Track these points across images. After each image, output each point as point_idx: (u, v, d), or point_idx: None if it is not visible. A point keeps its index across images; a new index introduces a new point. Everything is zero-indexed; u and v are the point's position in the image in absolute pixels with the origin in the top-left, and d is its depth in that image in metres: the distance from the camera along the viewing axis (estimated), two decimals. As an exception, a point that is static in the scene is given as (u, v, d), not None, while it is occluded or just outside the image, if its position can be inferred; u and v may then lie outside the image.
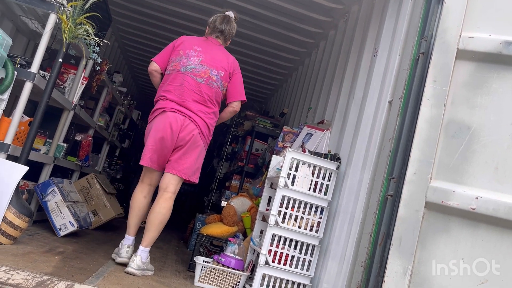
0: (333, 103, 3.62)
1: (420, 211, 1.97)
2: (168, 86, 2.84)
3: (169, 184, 2.84)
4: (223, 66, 2.93)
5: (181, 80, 2.82)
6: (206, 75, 2.86)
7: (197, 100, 2.83)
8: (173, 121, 2.77)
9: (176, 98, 2.81)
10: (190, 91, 2.82)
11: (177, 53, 2.89)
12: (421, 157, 2.02)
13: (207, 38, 3.03)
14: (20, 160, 2.64)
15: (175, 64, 2.87)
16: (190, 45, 2.92)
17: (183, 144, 2.80)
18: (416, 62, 2.21)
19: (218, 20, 3.04)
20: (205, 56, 2.89)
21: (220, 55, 2.96)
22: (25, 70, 2.68)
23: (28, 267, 2.15)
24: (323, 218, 2.82)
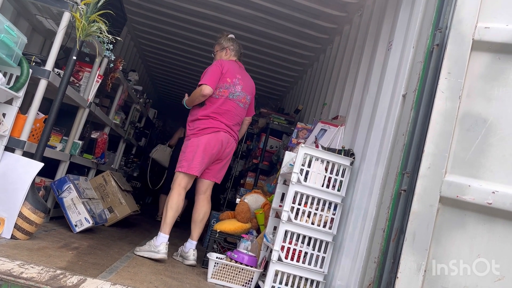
0: (347, 98, 3.58)
1: (435, 206, 1.92)
2: (218, 109, 3.32)
3: (208, 189, 3.47)
4: (252, 91, 3.57)
5: (230, 106, 3.35)
6: (244, 99, 3.45)
7: (238, 122, 3.47)
8: (224, 140, 3.33)
9: (226, 121, 3.34)
10: (236, 115, 3.40)
11: (225, 80, 3.34)
12: (435, 151, 1.97)
13: (238, 64, 3.53)
14: (36, 156, 2.68)
15: (223, 91, 3.33)
16: (234, 74, 3.39)
17: (224, 158, 3.42)
18: (431, 54, 2.16)
19: (235, 43, 3.58)
20: (243, 84, 3.44)
21: (250, 81, 3.57)
22: (40, 68, 2.72)
23: (42, 262, 2.18)
24: (336, 214, 2.78)
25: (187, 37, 5.99)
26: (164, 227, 3.17)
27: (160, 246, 3.09)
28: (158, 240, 3.13)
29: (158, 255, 3.05)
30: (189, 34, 5.86)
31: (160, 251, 3.07)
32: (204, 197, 3.44)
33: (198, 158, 3.25)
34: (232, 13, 4.93)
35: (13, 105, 2.62)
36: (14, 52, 2.50)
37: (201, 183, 3.43)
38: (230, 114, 3.35)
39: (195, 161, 3.24)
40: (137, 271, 2.60)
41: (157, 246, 3.09)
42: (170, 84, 8.81)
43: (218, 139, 3.29)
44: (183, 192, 3.29)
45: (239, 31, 5.31)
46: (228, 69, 3.35)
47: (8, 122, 2.60)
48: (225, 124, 3.33)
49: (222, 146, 3.32)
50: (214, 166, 3.40)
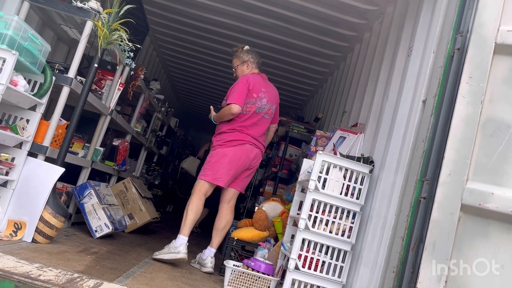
0: (367, 106, 3.53)
1: (456, 214, 1.85)
2: (246, 123, 3.42)
3: (233, 198, 3.53)
4: (276, 100, 3.66)
5: (255, 119, 3.45)
6: (269, 111, 3.55)
7: (263, 133, 3.56)
8: (249, 151, 3.43)
9: (252, 133, 3.44)
10: (262, 127, 3.51)
11: (252, 96, 3.44)
12: (457, 157, 1.91)
13: (261, 76, 3.62)
14: (57, 162, 2.74)
15: (251, 106, 3.43)
16: (259, 88, 3.48)
17: (250, 168, 3.52)
18: (451, 59, 2.11)
19: (254, 55, 3.66)
20: (268, 96, 3.53)
21: (274, 90, 3.67)
22: (62, 75, 2.79)
23: (61, 265, 2.21)
24: (355, 223, 2.73)
25: (209, 47, 6.06)
26: (184, 229, 3.22)
27: (180, 246, 3.14)
28: (177, 242, 3.18)
29: (178, 255, 3.11)
30: (211, 44, 5.92)
31: (180, 251, 3.12)
32: (228, 206, 3.50)
33: (224, 169, 3.33)
34: (253, 23, 4.96)
35: (36, 112, 2.69)
36: (38, 59, 2.58)
37: (226, 192, 3.50)
38: (256, 127, 3.45)
39: (220, 172, 3.33)
40: (154, 277, 2.61)
41: (177, 247, 3.15)
42: (192, 94, 8.90)
43: (244, 151, 3.39)
44: (203, 197, 3.36)
45: (259, 40, 5.35)
46: (254, 84, 3.44)
47: (32, 128, 2.67)
48: (251, 136, 3.43)
49: (248, 158, 3.43)
50: (241, 175, 3.49)
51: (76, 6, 2.83)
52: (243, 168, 3.43)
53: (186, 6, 5.02)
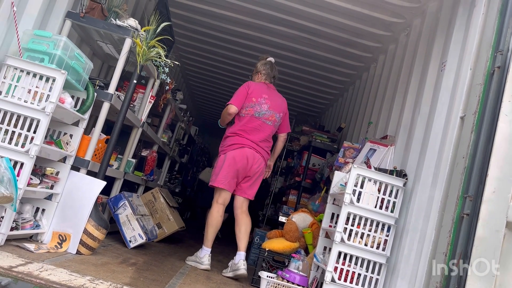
0: (396, 118, 3.56)
1: (501, 231, 1.89)
2: (244, 127, 3.57)
3: (243, 204, 3.66)
4: (283, 110, 3.74)
5: (255, 124, 3.58)
6: (272, 118, 3.64)
7: (266, 139, 3.64)
8: (250, 156, 3.54)
9: (251, 137, 3.56)
10: (262, 132, 3.60)
11: (251, 100, 3.58)
12: (500, 175, 1.95)
13: (267, 85, 3.74)
14: (99, 175, 2.82)
15: (249, 110, 3.58)
16: (260, 94, 3.62)
17: (253, 174, 3.60)
18: (491, 77, 2.15)
19: (269, 67, 3.81)
20: (271, 103, 3.64)
21: (280, 100, 3.76)
22: (103, 91, 2.88)
23: (109, 277, 2.28)
24: (390, 235, 2.77)
25: (230, 57, 6.14)
26: (206, 242, 3.56)
27: (203, 258, 3.50)
28: (202, 253, 3.54)
29: (202, 266, 3.47)
30: (232, 54, 6.00)
31: (203, 262, 3.48)
32: (241, 211, 3.66)
33: (223, 172, 3.54)
34: (275, 34, 5.03)
35: (79, 127, 2.78)
36: (82, 77, 2.67)
37: (235, 199, 3.69)
38: (256, 131, 3.58)
39: (220, 174, 3.55)
40: (194, 287, 2.67)
41: (201, 258, 3.51)
42: (210, 102, 9.00)
43: (243, 154, 3.54)
44: (222, 208, 3.60)
45: (281, 50, 5.41)
46: (254, 89, 3.62)
47: (75, 143, 2.76)
48: (251, 140, 3.56)
49: (248, 162, 3.54)
50: (243, 183, 3.64)
51: (115, 24, 2.92)
52: (244, 170, 3.56)
53: (209, 18, 5.11)
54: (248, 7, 4.54)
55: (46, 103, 2.36)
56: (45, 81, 2.39)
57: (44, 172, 2.58)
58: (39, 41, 2.49)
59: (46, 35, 2.51)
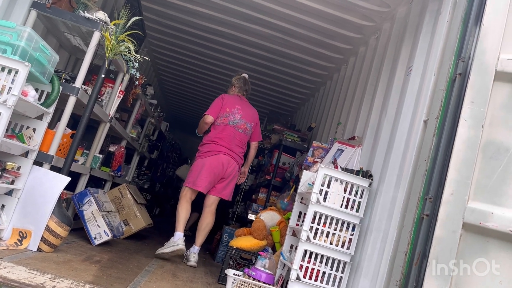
0: (364, 119, 3.64)
1: (458, 232, 1.96)
2: (219, 135, 3.97)
3: (213, 203, 4.02)
4: (254, 120, 4.17)
5: (229, 132, 3.98)
6: (244, 126, 4.06)
7: (238, 145, 4.03)
8: (225, 161, 3.93)
9: (226, 144, 3.95)
10: (235, 139, 4.00)
11: (225, 110, 4.01)
12: (458, 177, 2.02)
13: (240, 97, 4.18)
14: (63, 171, 2.75)
15: (224, 119, 4.00)
16: (233, 104, 4.06)
17: (227, 177, 3.98)
18: (453, 83, 2.22)
19: (242, 81, 4.26)
20: (243, 113, 4.07)
21: (252, 111, 4.19)
22: (69, 85, 2.81)
23: (70, 275, 2.23)
24: (354, 235, 2.83)
25: (202, 53, 6.11)
26: (178, 226, 3.83)
27: (178, 240, 3.73)
28: (175, 237, 3.77)
29: (177, 247, 3.68)
30: (205, 50, 5.97)
31: (178, 244, 3.70)
32: (209, 210, 4.01)
33: (202, 177, 3.89)
34: (248, 32, 5.03)
35: (43, 121, 2.70)
36: (47, 70, 2.59)
37: (207, 198, 4.03)
38: (229, 138, 3.97)
39: (199, 179, 3.89)
40: (158, 286, 2.65)
41: (176, 241, 3.73)
42: (182, 98, 8.92)
43: (219, 160, 3.92)
44: (189, 200, 3.97)
45: (254, 48, 5.43)
46: (228, 101, 4.06)
47: (38, 137, 2.68)
48: (225, 147, 3.95)
49: (223, 166, 3.93)
50: (219, 184, 3.99)
51: (84, 17, 2.85)
52: (219, 175, 3.94)
53: (182, 13, 5.06)
54: (222, 4, 4.52)
55: (8, 96, 2.29)
56: (7, 73, 2.31)
57: (5, 166, 2.50)
58: (1, 32, 2.40)
59: (10, 25, 2.42)
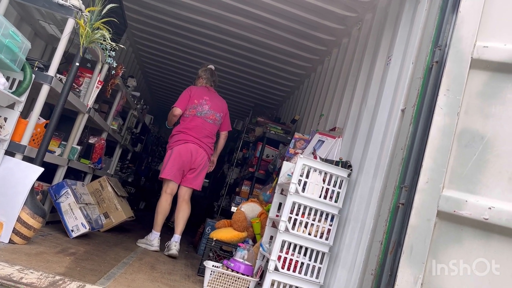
0: (345, 110, 3.62)
1: (432, 220, 1.96)
2: (188, 125, 4.05)
3: (186, 194, 4.14)
4: (222, 110, 4.24)
5: (197, 122, 4.05)
6: (213, 117, 4.14)
7: (207, 135, 4.11)
8: (193, 150, 4.02)
9: (195, 134, 4.03)
10: (204, 129, 4.07)
11: (193, 102, 4.09)
12: (434, 166, 2.01)
13: (208, 88, 4.26)
14: (36, 161, 2.68)
15: (192, 110, 4.08)
16: (201, 96, 4.13)
17: (197, 167, 4.07)
18: (430, 71, 2.21)
19: (209, 73, 4.34)
20: (211, 104, 4.15)
21: (220, 102, 4.27)
22: (42, 73, 2.74)
23: (41, 267, 2.18)
24: (333, 225, 2.81)
25: (186, 45, 6.04)
26: (156, 227, 4.01)
27: (153, 241, 3.95)
28: (152, 236, 3.99)
29: (152, 247, 3.91)
30: (188, 42, 5.90)
31: (153, 244, 3.93)
32: (183, 199, 4.12)
33: (169, 165, 4.01)
34: (231, 23, 4.98)
35: (15, 110, 2.63)
36: (18, 57, 2.52)
37: (180, 189, 4.14)
38: (198, 129, 4.06)
39: (167, 167, 4.02)
40: (134, 278, 2.61)
41: (151, 241, 3.95)
42: (167, 91, 8.83)
43: (188, 149, 4.01)
44: (170, 197, 4.07)
45: (237, 40, 5.38)
46: (195, 92, 4.13)
47: (10, 127, 2.61)
48: (194, 137, 4.03)
49: (192, 155, 4.02)
50: (189, 175, 4.09)
51: (57, 3, 2.77)
52: (188, 162, 4.02)
53: (165, 4, 4.98)
54: (204, -6, 4.46)
55: (-25, 83, 2.21)
56: (-25, 59, 2.24)
57: (-26, 156, 2.43)
58: (-31, 17, 2.32)
59: (-23, 10, 2.35)
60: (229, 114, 4.38)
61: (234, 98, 7.78)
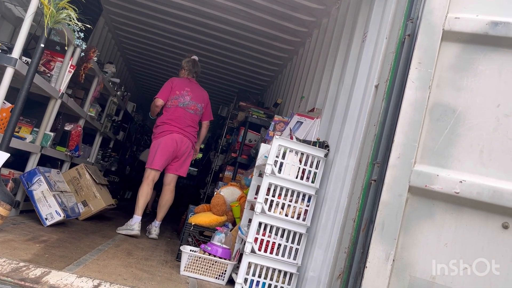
0: (324, 91, 3.57)
1: (404, 195, 1.91)
2: (171, 116, 4.23)
3: (172, 181, 4.33)
4: (204, 100, 4.44)
5: (180, 113, 4.24)
6: (194, 107, 4.33)
7: (190, 125, 4.30)
8: (178, 139, 4.21)
9: (178, 124, 4.22)
10: (186, 119, 4.27)
11: (175, 93, 4.27)
12: (405, 141, 1.96)
13: (189, 80, 4.43)
14: (1, 147, 2.60)
15: (174, 101, 4.26)
16: (182, 87, 4.31)
17: (182, 155, 4.28)
18: (402, 45, 2.15)
19: (191, 64, 4.49)
20: (193, 95, 4.33)
21: (201, 92, 4.45)
22: (5, 56, 2.64)
23: (6, 254, 2.11)
24: (310, 206, 2.77)
25: (166, 29, 5.92)
26: (137, 210, 4.05)
27: (134, 225, 3.96)
28: (132, 221, 4.00)
29: (132, 232, 3.92)
30: (168, 26, 5.78)
31: (134, 228, 3.94)
32: (168, 187, 4.32)
33: (158, 156, 4.17)
34: (211, 5, 4.88)
35: (-23, 94, 2.53)
36: (-23, 38, 2.41)
37: (166, 177, 4.32)
38: (181, 119, 4.23)
39: (156, 158, 4.17)
40: (107, 264, 2.55)
41: (132, 225, 3.96)
42: (150, 78, 8.69)
43: (173, 139, 4.18)
44: (151, 183, 4.20)
45: (217, 23, 5.28)
46: (177, 84, 4.30)
47: (-28, 111, 2.51)
48: (177, 127, 4.21)
49: (177, 144, 4.20)
50: (175, 162, 4.28)
51: (19, -18, 2.66)
52: (174, 152, 4.20)
53: (142, -13, 4.86)
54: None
55: None
56: None
57: None
58: None
59: None
60: (210, 104, 4.53)
61: (218, 84, 7.68)
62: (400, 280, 1.86)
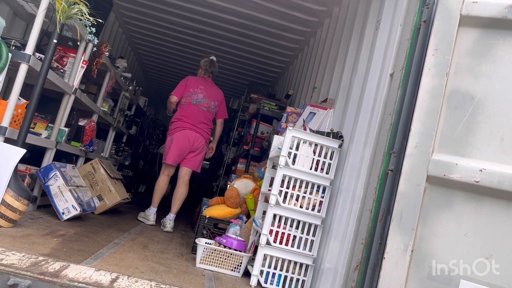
0: (336, 81, 3.53)
1: (421, 185, 1.88)
2: (184, 112, 4.43)
3: (186, 175, 4.49)
4: (217, 99, 4.59)
5: (193, 109, 4.43)
6: (208, 105, 4.50)
7: (203, 122, 4.46)
8: (190, 136, 4.39)
9: (190, 121, 4.40)
10: (199, 116, 4.44)
11: (189, 91, 4.48)
12: (422, 129, 1.93)
13: (204, 78, 4.62)
14: (18, 143, 2.62)
15: (188, 98, 4.46)
16: (196, 85, 4.51)
17: (195, 150, 4.44)
18: (418, 31, 2.11)
19: (208, 64, 4.66)
20: (206, 93, 4.51)
21: (215, 91, 4.62)
22: (19, 52, 2.65)
23: (25, 249, 2.14)
24: (325, 197, 2.75)
25: (176, 23, 5.90)
26: (153, 203, 4.45)
27: (150, 216, 4.40)
28: (149, 212, 4.44)
29: (148, 222, 4.37)
30: (178, 19, 5.77)
31: (150, 219, 4.38)
32: (182, 181, 4.46)
33: (172, 151, 4.38)
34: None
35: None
36: (-9, 35, 2.43)
37: (180, 170, 4.51)
38: (194, 116, 4.41)
39: (169, 153, 4.40)
40: (124, 257, 2.57)
41: (148, 216, 4.42)
42: (161, 72, 8.71)
43: (186, 135, 4.37)
44: (167, 178, 4.51)
45: (227, 15, 5.24)
46: (191, 82, 4.51)
47: (-12, 108, 2.54)
48: (190, 123, 4.39)
49: (190, 140, 4.39)
50: (188, 157, 4.45)
51: (31, -22, 2.66)
52: (187, 148, 4.39)
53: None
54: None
55: None
56: None
57: (-48, 139, 2.36)
58: None
59: None
60: (225, 103, 4.69)
61: (229, 77, 7.66)
62: (419, 271, 1.83)
